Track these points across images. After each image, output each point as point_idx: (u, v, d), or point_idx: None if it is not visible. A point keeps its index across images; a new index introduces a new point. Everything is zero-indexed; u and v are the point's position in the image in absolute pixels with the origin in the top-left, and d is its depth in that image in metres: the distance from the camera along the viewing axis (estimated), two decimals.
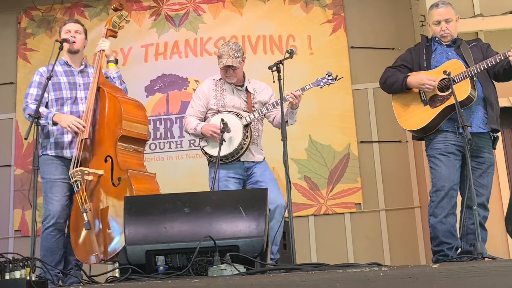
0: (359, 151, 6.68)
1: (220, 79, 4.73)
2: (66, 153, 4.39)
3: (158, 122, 6.89)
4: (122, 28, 4.85)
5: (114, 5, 4.80)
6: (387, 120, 4.53)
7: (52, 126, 4.36)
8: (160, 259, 2.97)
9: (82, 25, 4.67)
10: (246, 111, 4.63)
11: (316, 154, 6.66)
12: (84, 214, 4.14)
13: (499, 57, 4.15)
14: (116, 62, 4.75)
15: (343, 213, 6.56)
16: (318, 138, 6.70)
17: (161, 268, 2.95)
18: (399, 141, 6.60)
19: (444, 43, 4.46)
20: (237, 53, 4.60)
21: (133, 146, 4.38)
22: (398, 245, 6.47)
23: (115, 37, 4.81)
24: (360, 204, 6.57)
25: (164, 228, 3.05)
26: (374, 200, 6.60)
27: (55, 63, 4.33)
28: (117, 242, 4.02)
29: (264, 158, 4.70)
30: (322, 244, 6.50)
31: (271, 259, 4.24)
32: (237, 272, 2.74)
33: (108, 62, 4.67)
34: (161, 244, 2.98)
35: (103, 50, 4.62)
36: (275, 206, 4.33)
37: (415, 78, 4.36)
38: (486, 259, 3.51)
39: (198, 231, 3.01)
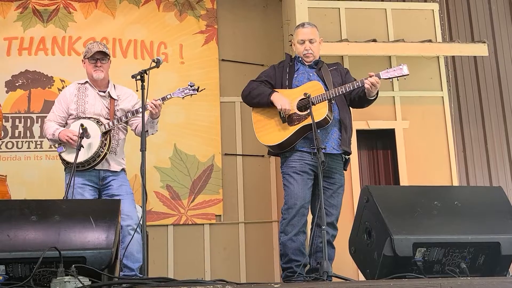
0: (223, 163, 6.74)
1: (85, 82, 4.61)
2: None
3: (17, 120, 6.56)
4: None
5: None
6: (252, 134, 4.57)
7: None
8: (0, 268, 2.84)
9: None
10: (108, 118, 4.52)
11: (180, 164, 6.64)
12: None
13: (357, 84, 4.31)
14: None
15: (203, 224, 6.57)
16: (183, 148, 6.69)
17: (0, 278, 2.82)
18: (262, 156, 6.71)
19: (306, 64, 4.59)
20: (106, 48, 4.56)
21: None
22: (255, 258, 6.58)
23: None
24: (220, 215, 6.63)
25: (7, 236, 2.91)
26: (234, 213, 6.68)
27: None
28: None
29: (123, 169, 4.60)
30: (180, 254, 6.46)
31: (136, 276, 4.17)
32: (80, 285, 2.68)
33: None
34: (2, 253, 2.84)
35: None
36: (129, 221, 4.23)
37: (278, 98, 4.39)
38: (334, 278, 3.66)
39: (45, 240, 2.91)
